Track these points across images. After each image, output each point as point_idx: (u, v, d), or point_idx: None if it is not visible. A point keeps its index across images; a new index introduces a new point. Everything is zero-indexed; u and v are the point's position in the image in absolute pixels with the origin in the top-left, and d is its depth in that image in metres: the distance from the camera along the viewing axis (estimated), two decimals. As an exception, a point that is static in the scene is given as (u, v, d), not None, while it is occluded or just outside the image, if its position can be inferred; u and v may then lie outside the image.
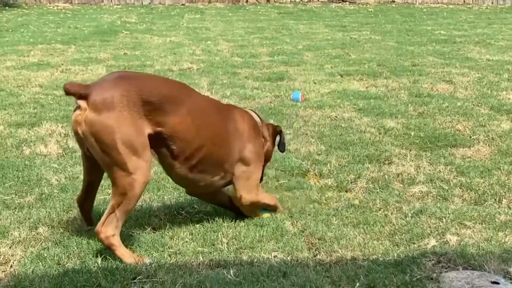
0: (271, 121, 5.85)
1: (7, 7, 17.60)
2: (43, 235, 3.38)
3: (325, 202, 3.91)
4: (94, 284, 2.78)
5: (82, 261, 3.07)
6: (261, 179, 3.74)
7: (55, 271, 2.95)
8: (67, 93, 2.96)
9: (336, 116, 6.10)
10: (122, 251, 3.04)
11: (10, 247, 3.23)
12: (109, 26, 13.58)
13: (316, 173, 4.46)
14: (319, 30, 13.07)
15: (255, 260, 3.07)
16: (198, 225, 3.52)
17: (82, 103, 2.92)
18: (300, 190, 4.13)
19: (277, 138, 3.78)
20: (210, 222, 3.54)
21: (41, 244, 3.28)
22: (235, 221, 3.54)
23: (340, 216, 3.66)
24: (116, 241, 3.02)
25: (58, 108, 6.34)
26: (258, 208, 3.61)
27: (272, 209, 3.67)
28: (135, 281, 2.84)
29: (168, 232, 3.41)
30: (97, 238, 3.06)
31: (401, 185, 4.21)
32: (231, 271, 2.90)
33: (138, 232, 3.43)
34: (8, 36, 12.10)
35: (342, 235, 3.37)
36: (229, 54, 10.06)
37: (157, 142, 3.10)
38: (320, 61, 9.37)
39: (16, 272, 2.96)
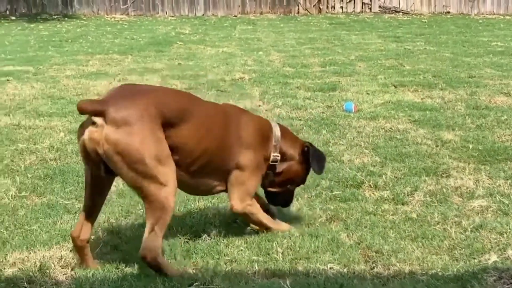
0: (323, 132, 5.85)
1: (66, 18, 18.17)
2: (103, 239, 3.46)
3: (381, 214, 3.86)
4: (153, 289, 2.82)
5: (140, 266, 3.12)
6: (287, 202, 3.67)
7: (114, 275, 3.01)
8: (82, 112, 2.85)
9: (390, 128, 6.02)
10: (169, 270, 2.98)
11: (70, 251, 3.32)
12: (164, 37, 13.85)
13: (371, 185, 4.41)
14: (371, 41, 12.97)
15: (311, 271, 3.06)
16: (252, 234, 3.53)
17: (98, 120, 2.82)
18: (355, 201, 4.10)
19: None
20: (264, 231, 3.54)
21: (100, 248, 3.35)
22: (290, 231, 3.53)
23: (397, 229, 3.61)
24: (162, 261, 2.96)
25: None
26: (258, 221, 3.49)
27: (266, 230, 3.50)
28: (191, 287, 2.87)
29: (223, 240, 3.43)
30: (144, 263, 2.96)
31: (460, 199, 4.12)
32: (288, 281, 2.89)
33: (194, 239, 3.47)
34: (68, 46, 12.48)
35: (400, 249, 3.32)
36: (280, 64, 10.09)
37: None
38: (373, 71, 9.29)
39: (77, 275, 3.04)
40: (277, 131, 3.56)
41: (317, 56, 10.94)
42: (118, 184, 4.36)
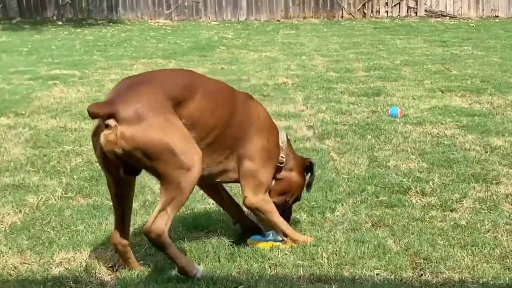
0: (368, 137, 5.77)
1: (111, 23, 18.48)
2: (147, 241, 3.46)
3: (428, 221, 3.76)
4: (196, 292, 2.81)
5: (184, 268, 3.11)
6: (286, 217, 3.49)
7: (159, 276, 3.01)
8: (94, 117, 2.82)
9: (437, 133, 5.89)
10: (174, 251, 2.90)
11: (115, 252, 3.33)
12: (207, 42, 13.94)
13: (418, 191, 4.30)
14: (417, 45, 12.76)
15: (357, 277, 3.00)
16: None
17: (111, 122, 2.77)
18: (402, 207, 4.00)
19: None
20: (309, 236, 3.50)
21: (145, 250, 3.36)
22: (335, 236, 3.47)
23: (446, 236, 3.51)
24: (166, 240, 2.86)
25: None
26: (272, 221, 3.36)
27: (282, 234, 3.38)
28: (236, 290, 2.85)
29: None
30: (147, 238, 2.91)
31: (511, 206, 3.98)
32: (333, 286, 2.84)
33: (238, 242, 3.45)
34: (113, 50, 12.68)
35: (449, 256, 3.23)
36: (324, 69, 10.02)
37: None
38: (419, 76, 9.12)
39: (122, 276, 3.05)
40: (282, 134, 3.51)
41: (362, 60, 10.82)
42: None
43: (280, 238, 3.41)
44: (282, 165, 3.45)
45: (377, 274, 3.04)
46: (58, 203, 4.06)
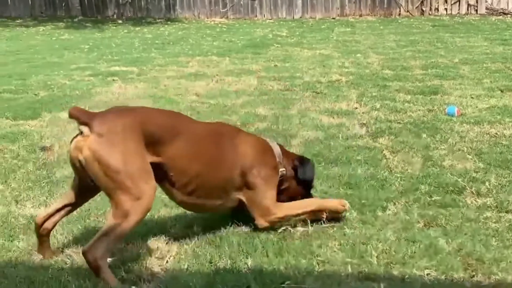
0: (423, 135, 5.66)
1: (169, 22, 18.81)
2: (197, 233, 3.52)
3: (483, 221, 3.66)
4: (244, 285, 2.83)
5: (233, 261, 3.15)
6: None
7: (208, 269, 3.05)
8: (71, 116, 3.00)
9: (496, 133, 5.72)
10: (108, 276, 2.95)
11: (167, 243, 3.40)
12: (261, 40, 13.98)
13: (473, 191, 4.20)
14: (477, 44, 12.42)
15: (407, 276, 2.95)
16: (346, 236, 3.46)
17: (85, 129, 2.95)
18: (456, 208, 3.91)
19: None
20: (358, 234, 3.47)
21: (195, 242, 3.41)
22: (385, 235, 3.43)
23: (500, 237, 3.41)
24: (103, 264, 2.94)
25: (213, 116, 6.62)
26: (295, 216, 3.55)
27: (312, 214, 3.56)
28: (283, 285, 2.85)
29: (316, 241, 3.39)
30: (84, 259, 2.98)
31: None
32: (382, 285, 2.81)
33: (286, 238, 3.45)
34: (170, 48, 12.91)
35: (503, 258, 3.14)
36: (379, 67, 9.88)
37: (156, 170, 3.12)
38: (478, 75, 8.88)
39: (172, 268, 3.11)
40: (276, 147, 3.65)
41: (419, 58, 10.62)
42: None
43: None
44: (283, 178, 3.63)
45: (427, 274, 2.98)
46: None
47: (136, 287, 2.89)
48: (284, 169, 3.61)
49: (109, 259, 3.14)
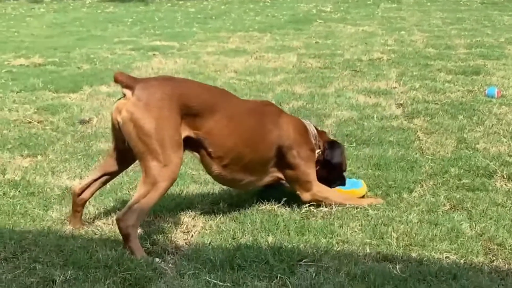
0: (460, 117, 5.57)
1: (213, -4, 18.85)
2: (222, 210, 3.61)
3: (510, 206, 3.62)
4: (263, 261, 2.90)
5: (254, 238, 3.22)
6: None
7: (230, 244, 3.14)
8: (116, 80, 3.13)
9: (535, 116, 5.59)
10: (135, 245, 3.03)
11: (192, 218, 3.50)
12: (305, 15, 13.89)
13: (504, 176, 4.14)
14: (527, 22, 12.06)
15: (425, 258, 2.96)
16: (368, 217, 3.48)
17: (127, 92, 3.08)
18: (484, 191, 3.88)
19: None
20: (381, 215, 3.49)
21: (219, 218, 3.50)
22: (408, 217, 3.44)
23: (526, 223, 3.37)
24: (133, 233, 3.03)
25: (249, 93, 6.67)
26: (334, 203, 3.62)
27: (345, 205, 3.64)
28: (300, 263, 2.91)
29: (338, 221, 3.43)
30: (117, 226, 3.08)
31: None
32: (397, 266, 2.83)
33: (308, 217, 3.51)
34: (212, 23, 12.97)
35: (526, 244, 3.11)
36: (422, 45, 9.72)
37: (196, 143, 3.25)
38: (524, 55, 8.65)
39: (195, 242, 3.21)
40: (312, 129, 3.73)
41: (464, 37, 10.39)
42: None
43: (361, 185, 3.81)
44: (317, 159, 3.71)
45: (446, 257, 2.99)
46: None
47: (159, 259, 2.99)
48: (319, 150, 3.71)
49: (139, 231, 3.27)
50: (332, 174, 3.77)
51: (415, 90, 6.72)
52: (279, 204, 3.64)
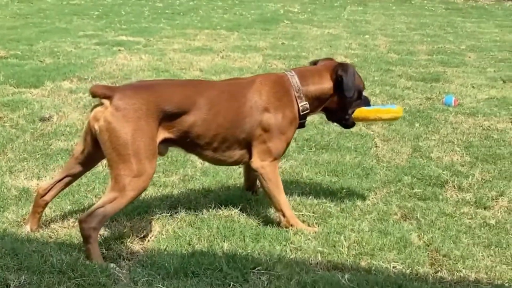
0: (416, 125, 5.72)
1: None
2: (180, 214, 3.65)
3: (458, 217, 3.77)
4: (217, 268, 2.96)
5: (210, 244, 3.28)
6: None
7: (185, 250, 3.19)
8: (93, 95, 3.18)
9: (489, 126, 5.78)
10: (93, 249, 3.07)
11: (149, 223, 3.54)
12: (272, 15, 13.97)
13: (455, 186, 4.29)
14: (487, 30, 12.36)
15: (373, 268, 3.07)
16: (322, 225, 3.58)
17: (105, 102, 3.13)
18: (434, 201, 4.02)
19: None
20: (335, 223, 3.59)
21: (177, 223, 3.54)
22: (360, 226, 3.55)
23: (472, 234, 3.52)
24: (94, 235, 3.08)
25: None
26: (272, 193, 3.50)
27: (280, 213, 3.52)
28: (254, 271, 2.98)
29: (293, 228, 3.51)
30: (79, 226, 3.11)
31: (547, 209, 3.92)
32: (346, 276, 2.93)
33: (265, 223, 3.58)
34: (179, 19, 12.93)
35: (470, 255, 3.24)
36: (385, 49, 9.89)
37: (181, 138, 3.30)
38: (483, 63, 8.89)
39: (151, 247, 3.25)
40: (294, 80, 3.57)
41: (426, 43, 10.61)
42: (203, 162, 4.56)
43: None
44: (308, 111, 3.60)
45: (393, 267, 3.10)
46: (105, 171, 4.30)
47: (114, 264, 3.03)
48: (306, 102, 3.55)
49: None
50: (348, 98, 3.63)
51: (375, 95, 6.85)
52: (237, 210, 3.70)
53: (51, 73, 7.31)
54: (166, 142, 3.31)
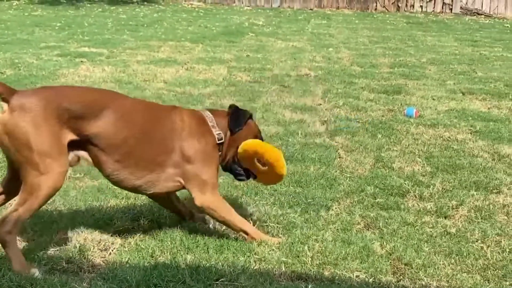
0: (379, 136, 5.80)
1: (145, 3, 18.71)
2: (143, 226, 3.62)
3: (419, 226, 3.82)
4: (180, 281, 2.93)
5: (173, 256, 3.25)
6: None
7: (147, 263, 3.15)
8: None
9: (449, 137, 5.90)
10: (13, 253, 3.05)
11: (111, 235, 3.49)
12: (237, 27, 14.01)
13: (416, 195, 4.35)
14: (447, 43, 12.63)
15: (337, 277, 3.09)
16: (286, 235, 3.58)
17: (4, 105, 3.07)
18: (396, 210, 4.07)
19: None
20: (299, 233, 3.59)
21: (139, 235, 3.50)
22: (323, 236, 3.56)
23: (433, 243, 3.57)
24: (11, 240, 3.04)
25: (177, 105, 6.67)
26: (227, 219, 3.43)
27: (242, 233, 3.45)
28: (217, 282, 2.96)
29: (257, 240, 3.50)
30: None
31: (505, 218, 4.01)
32: (310, 286, 2.94)
33: (228, 235, 3.56)
34: (143, 30, 12.87)
35: (431, 263, 3.29)
36: (348, 62, 10.02)
37: (85, 144, 3.22)
38: (443, 76, 9.08)
39: (113, 260, 3.20)
40: (207, 114, 3.57)
41: (388, 56, 10.79)
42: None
43: None
44: (222, 140, 3.53)
45: (356, 276, 3.12)
46: (65, 184, 4.22)
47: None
48: (219, 131, 3.51)
49: (53, 249, 3.24)
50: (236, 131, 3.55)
51: (338, 107, 6.93)
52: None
53: (12, 85, 7.02)
54: (75, 148, 3.21)
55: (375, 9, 19.06)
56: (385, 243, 3.53)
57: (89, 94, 3.34)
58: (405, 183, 4.53)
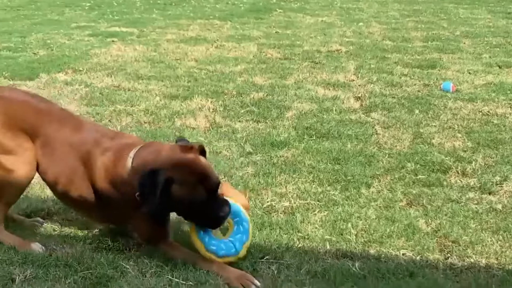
0: (416, 111, 5.69)
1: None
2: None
3: (464, 202, 3.75)
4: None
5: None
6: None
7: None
8: None
9: (488, 111, 5.76)
10: (8, 239, 3.07)
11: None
12: (264, 4, 13.86)
13: (459, 171, 4.27)
14: (480, 16, 12.31)
15: (383, 255, 3.05)
16: (328, 212, 3.55)
17: None
18: (439, 187, 3.99)
19: None
20: (341, 211, 3.56)
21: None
22: (366, 213, 3.52)
23: (479, 219, 3.50)
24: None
25: (210, 83, 6.65)
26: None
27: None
28: (262, 260, 2.95)
29: (299, 217, 3.48)
30: None
31: (552, 193, 3.91)
32: (357, 264, 2.91)
33: (270, 212, 3.54)
34: (171, 9, 12.83)
35: (479, 240, 3.23)
36: (380, 37, 9.84)
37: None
38: (478, 49, 8.86)
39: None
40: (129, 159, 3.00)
41: (420, 30, 10.56)
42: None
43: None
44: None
45: (403, 254, 3.08)
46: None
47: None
48: None
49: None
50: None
51: (372, 83, 6.82)
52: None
53: (45, 65, 7.22)
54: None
55: (405, -18, 18.64)
56: (430, 220, 3.47)
57: (36, 100, 3.27)
58: (446, 159, 4.45)
